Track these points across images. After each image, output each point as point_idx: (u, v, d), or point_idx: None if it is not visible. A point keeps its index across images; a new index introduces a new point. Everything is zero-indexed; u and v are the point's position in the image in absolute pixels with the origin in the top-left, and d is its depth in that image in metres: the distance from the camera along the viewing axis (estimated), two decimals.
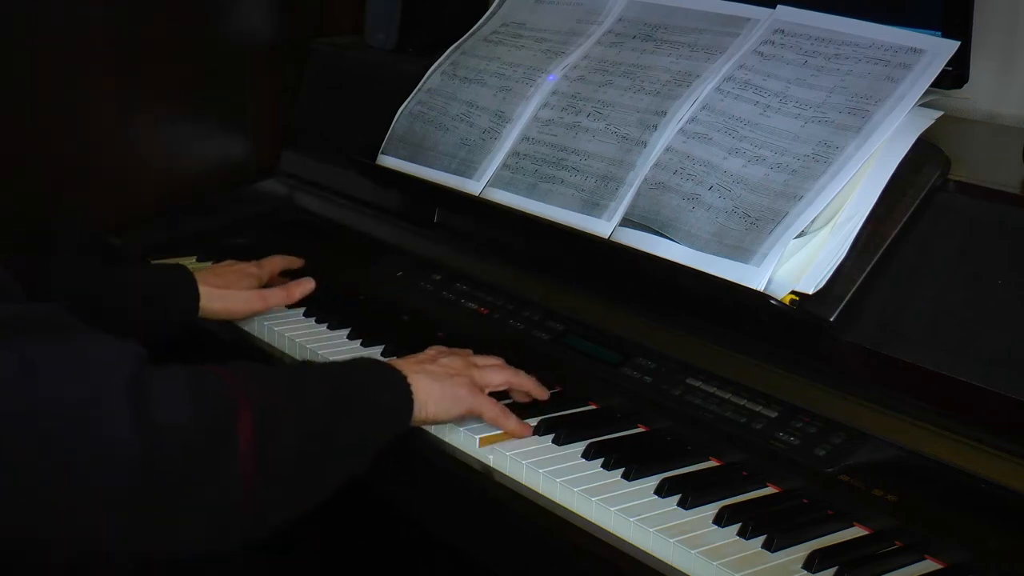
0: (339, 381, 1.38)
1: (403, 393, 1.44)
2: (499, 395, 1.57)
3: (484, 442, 1.50)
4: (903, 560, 1.28)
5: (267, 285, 1.91)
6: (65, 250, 2.23)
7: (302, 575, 2.27)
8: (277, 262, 1.97)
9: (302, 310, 1.89)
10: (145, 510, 1.15)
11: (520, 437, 1.51)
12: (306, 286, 1.88)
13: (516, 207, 1.81)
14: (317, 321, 1.86)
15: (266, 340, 1.84)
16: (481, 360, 1.58)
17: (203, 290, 1.79)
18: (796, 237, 1.51)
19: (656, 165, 1.68)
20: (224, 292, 1.82)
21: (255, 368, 1.33)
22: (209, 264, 2.06)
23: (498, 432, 1.52)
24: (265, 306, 1.86)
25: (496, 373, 1.56)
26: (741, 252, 1.53)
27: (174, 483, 1.15)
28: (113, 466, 1.12)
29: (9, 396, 1.09)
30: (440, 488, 1.55)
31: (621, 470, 1.43)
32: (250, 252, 2.17)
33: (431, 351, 1.58)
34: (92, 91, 2.25)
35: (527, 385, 1.58)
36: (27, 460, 1.10)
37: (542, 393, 1.59)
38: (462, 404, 1.50)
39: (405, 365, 1.49)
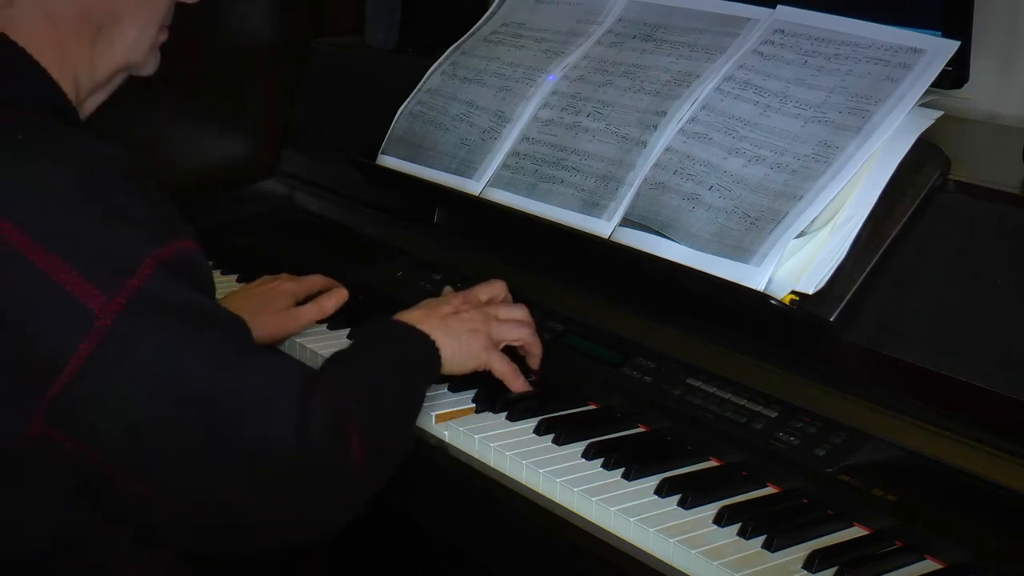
0: (397, 359, 1.50)
1: (434, 353, 1.53)
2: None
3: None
4: (903, 560, 1.28)
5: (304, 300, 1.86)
6: None
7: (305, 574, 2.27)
8: (318, 280, 1.88)
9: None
10: (284, 495, 1.28)
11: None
12: (339, 296, 1.84)
13: (516, 207, 1.81)
14: (317, 321, 1.85)
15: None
16: (503, 312, 1.64)
17: None
18: (796, 237, 1.51)
19: (656, 165, 1.68)
20: (250, 319, 1.78)
21: (351, 377, 1.44)
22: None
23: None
24: (298, 326, 1.80)
25: (514, 329, 1.63)
26: (741, 252, 1.53)
27: (312, 475, 1.29)
28: (273, 458, 1.25)
29: (198, 380, 1.21)
30: (440, 488, 1.55)
31: (621, 470, 1.43)
32: (250, 252, 2.18)
33: (456, 300, 1.63)
34: None
35: (536, 350, 1.64)
36: (201, 439, 1.22)
37: (534, 364, 1.65)
38: (476, 360, 1.58)
39: (428, 323, 1.55)
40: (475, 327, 1.58)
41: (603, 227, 1.70)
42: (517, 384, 1.60)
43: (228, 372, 1.23)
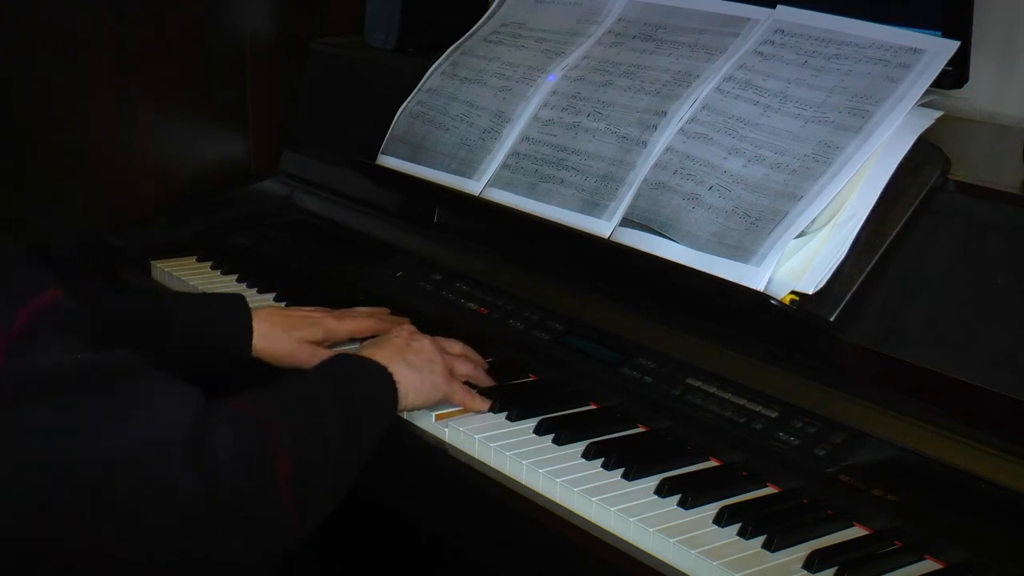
0: (344, 394, 1.43)
1: (390, 389, 1.49)
2: None
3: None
4: (903, 560, 1.28)
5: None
6: (64, 251, 2.23)
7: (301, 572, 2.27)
8: (367, 325, 1.76)
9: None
10: (201, 541, 1.22)
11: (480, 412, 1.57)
12: None
13: (516, 207, 1.81)
14: None
15: None
16: (447, 345, 1.62)
17: (257, 327, 1.69)
18: (796, 237, 1.50)
19: (656, 165, 1.68)
20: (277, 335, 1.70)
21: (279, 402, 1.36)
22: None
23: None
24: (311, 365, 1.65)
25: (464, 363, 1.62)
26: (741, 252, 1.53)
27: (226, 517, 1.22)
28: (174, 508, 1.18)
29: (73, 447, 1.14)
30: (439, 488, 1.55)
31: (621, 470, 1.43)
32: (250, 252, 2.18)
33: (404, 333, 1.60)
34: (92, 91, 2.25)
35: (483, 382, 1.63)
36: (94, 503, 1.16)
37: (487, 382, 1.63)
38: (438, 392, 1.55)
39: (384, 355, 1.52)
40: (432, 357, 1.55)
41: (603, 227, 1.70)
42: (476, 405, 1.57)
43: (110, 433, 1.16)
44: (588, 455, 1.46)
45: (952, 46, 1.55)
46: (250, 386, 1.38)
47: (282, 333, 1.71)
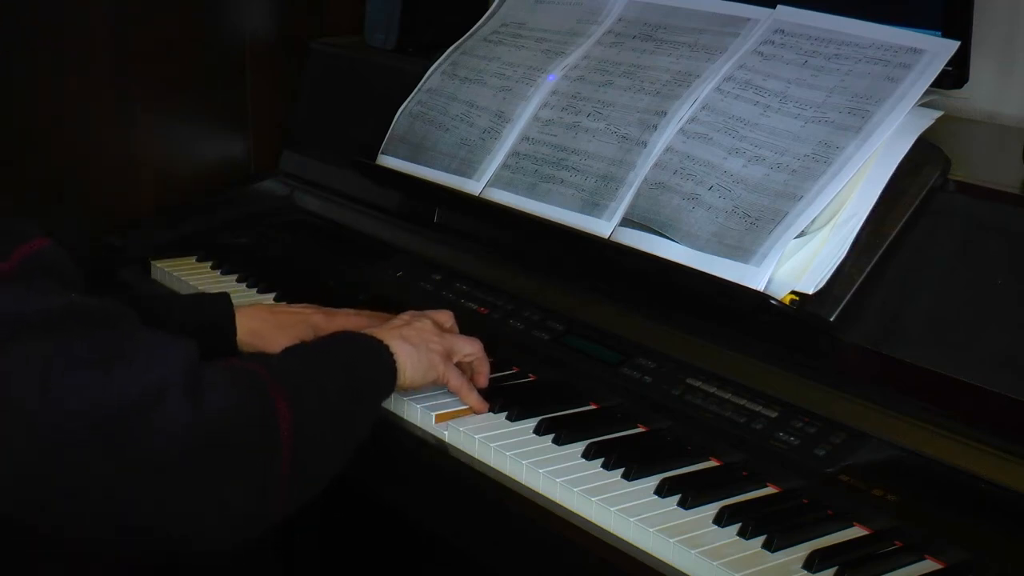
0: (345, 365, 1.44)
1: (389, 363, 1.50)
2: None
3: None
4: (903, 560, 1.28)
5: None
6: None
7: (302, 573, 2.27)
8: (356, 322, 1.71)
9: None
10: (197, 492, 1.20)
11: (479, 412, 1.56)
12: None
13: (516, 207, 1.81)
14: None
15: None
16: (442, 318, 1.62)
17: (246, 324, 1.68)
18: (796, 237, 1.51)
19: (656, 165, 1.68)
20: (268, 332, 1.68)
21: (282, 364, 1.37)
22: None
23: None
24: None
25: (468, 343, 1.61)
26: (741, 252, 1.53)
27: (224, 467, 1.21)
28: (171, 453, 1.16)
29: (76, 389, 1.12)
30: (439, 488, 1.55)
31: (621, 470, 1.43)
32: (250, 252, 2.18)
33: (406, 315, 1.60)
34: (92, 91, 2.25)
35: (485, 367, 1.62)
36: (93, 448, 1.14)
37: (483, 381, 1.61)
38: (436, 370, 1.55)
39: (382, 333, 1.52)
40: (431, 338, 1.55)
41: (603, 227, 1.70)
42: (472, 399, 1.57)
43: (109, 375, 1.14)
44: (588, 455, 1.46)
45: (952, 46, 1.55)
46: None
47: (273, 330, 1.70)
